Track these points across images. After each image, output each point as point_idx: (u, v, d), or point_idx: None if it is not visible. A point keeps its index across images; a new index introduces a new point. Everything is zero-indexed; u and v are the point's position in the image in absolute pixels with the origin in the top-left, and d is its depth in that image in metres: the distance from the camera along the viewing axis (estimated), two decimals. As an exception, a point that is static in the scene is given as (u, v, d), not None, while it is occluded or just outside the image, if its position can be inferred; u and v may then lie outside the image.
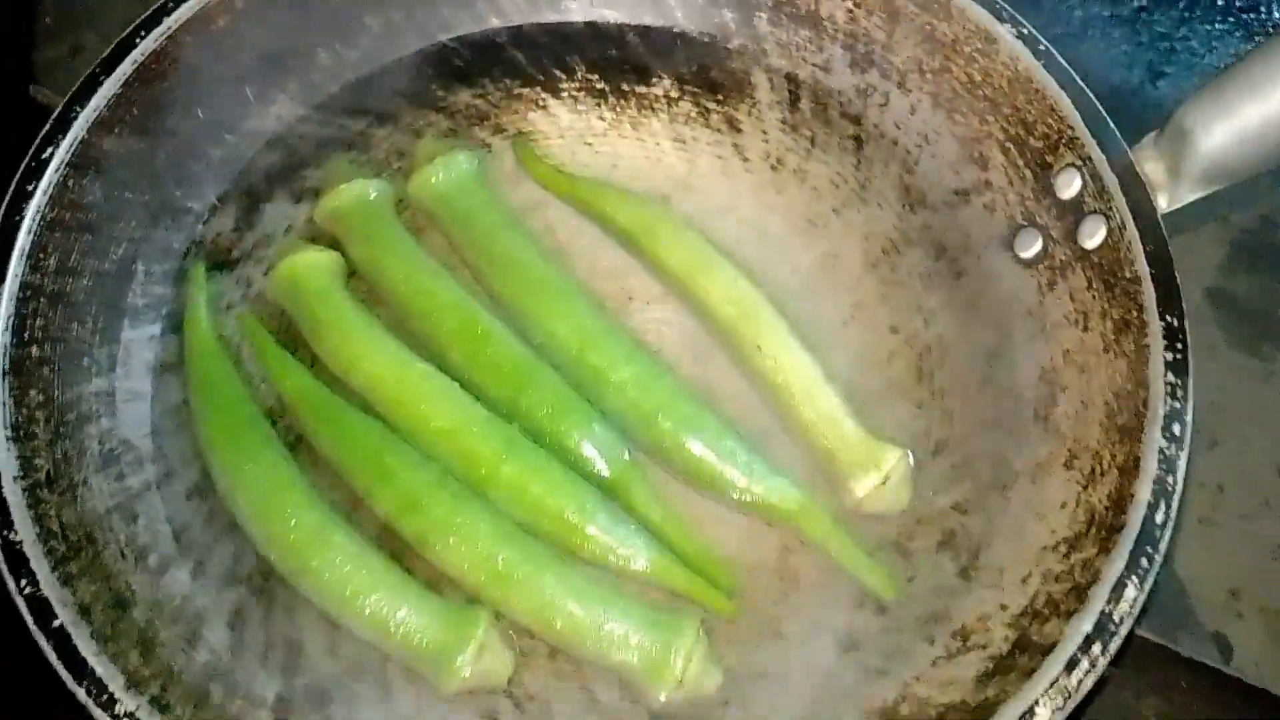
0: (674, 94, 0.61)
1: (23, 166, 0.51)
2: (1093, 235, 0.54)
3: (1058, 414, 0.54)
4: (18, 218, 0.50)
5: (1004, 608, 0.49)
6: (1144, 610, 0.45)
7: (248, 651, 0.48)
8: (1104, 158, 0.53)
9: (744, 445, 0.54)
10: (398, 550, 0.51)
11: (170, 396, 0.53)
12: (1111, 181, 0.53)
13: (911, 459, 0.55)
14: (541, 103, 0.62)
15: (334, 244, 0.59)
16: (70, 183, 0.52)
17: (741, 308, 0.55)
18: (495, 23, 0.63)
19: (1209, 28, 0.78)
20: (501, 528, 0.50)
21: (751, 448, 0.54)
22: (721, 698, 0.51)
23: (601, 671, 0.52)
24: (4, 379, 0.47)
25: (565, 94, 0.62)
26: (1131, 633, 0.44)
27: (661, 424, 0.55)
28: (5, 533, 0.44)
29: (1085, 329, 0.52)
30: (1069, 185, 0.54)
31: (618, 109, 0.62)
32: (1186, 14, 0.78)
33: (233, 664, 0.47)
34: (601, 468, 0.53)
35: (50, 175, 0.51)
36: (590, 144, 0.63)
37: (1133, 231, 0.52)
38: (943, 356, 0.57)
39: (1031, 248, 0.55)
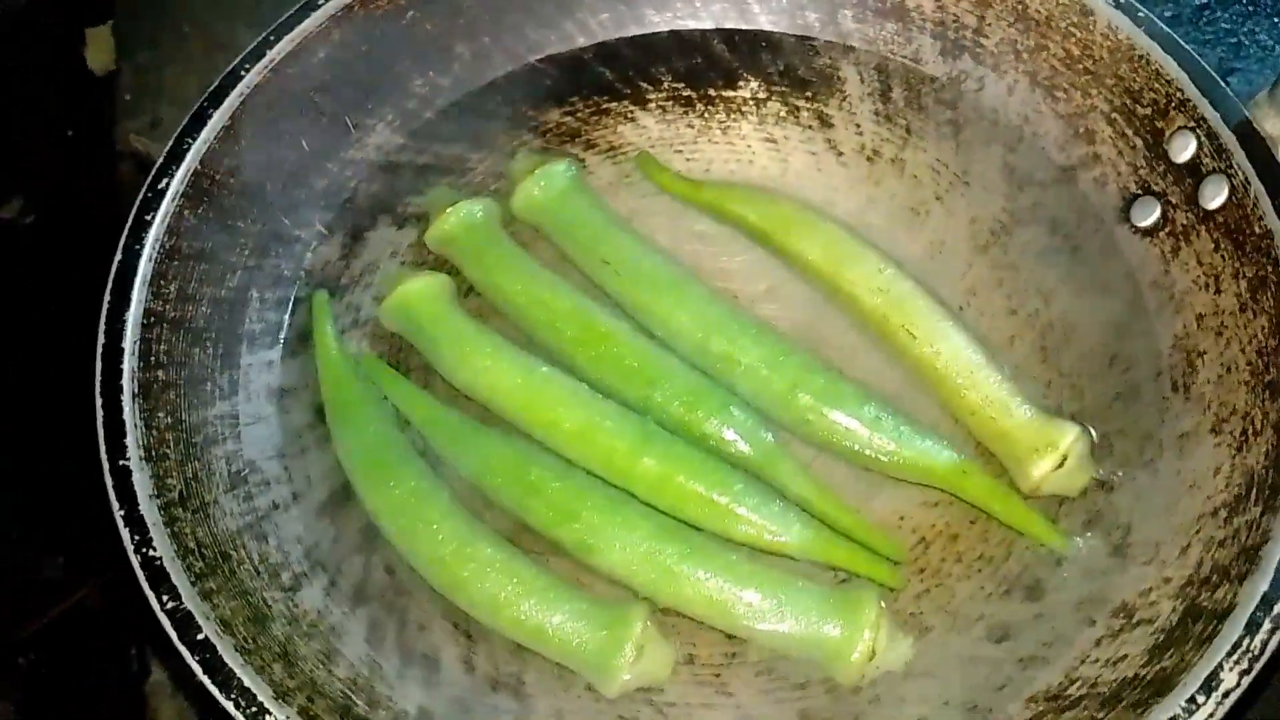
0: (761, 95, 0.61)
1: (140, 198, 0.52)
2: (1215, 196, 0.53)
3: (1198, 381, 0.52)
4: (138, 246, 0.51)
5: (1167, 580, 0.47)
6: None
7: (386, 666, 0.47)
8: (1218, 116, 0.52)
9: (890, 411, 0.53)
10: (547, 557, 0.50)
11: (293, 420, 0.53)
12: (1229, 139, 0.51)
13: (1093, 435, 0.53)
14: (630, 115, 0.62)
15: (443, 268, 0.59)
16: (185, 212, 0.53)
17: (890, 295, 0.54)
18: (581, 41, 0.63)
19: (1276, 20, 0.76)
20: (659, 523, 0.49)
21: (898, 413, 0.53)
22: (872, 694, 0.49)
23: (741, 672, 0.50)
24: (134, 402, 0.48)
25: (653, 104, 0.62)
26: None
27: (800, 400, 0.53)
28: (145, 550, 0.44)
29: (1218, 291, 0.50)
30: (1184, 149, 0.53)
31: (706, 115, 0.62)
32: (1250, 8, 0.77)
33: (372, 678, 0.46)
34: (744, 450, 0.52)
35: (166, 205, 0.52)
36: (681, 151, 0.62)
37: (1258, 187, 0.50)
38: (1067, 335, 0.55)
39: (1149, 216, 0.54)
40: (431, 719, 0.46)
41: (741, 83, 0.62)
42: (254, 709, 0.40)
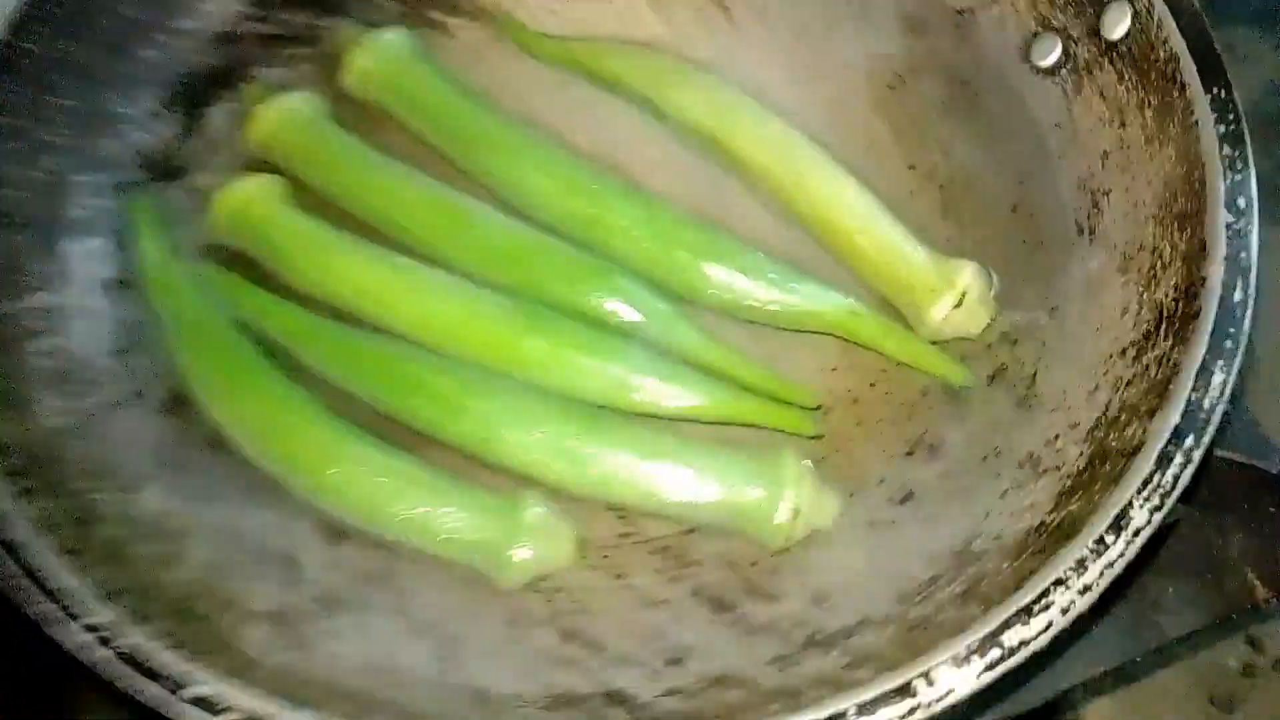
0: (642, -55, 0.56)
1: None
2: (1117, 24, 0.50)
3: (1104, 222, 0.49)
4: (-69, 121, 0.45)
5: (1074, 426, 0.44)
6: (1221, 429, 0.40)
7: (236, 568, 0.43)
8: (1117, -61, 0.48)
9: (774, 260, 0.50)
10: (426, 452, 0.46)
11: (129, 314, 0.49)
12: (1130, -38, 0.48)
13: (993, 276, 0.50)
14: None
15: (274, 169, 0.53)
16: (-12, 86, 0.47)
17: (777, 148, 0.51)
18: (441, -108, 0.58)
19: None
20: (555, 405, 0.46)
21: (785, 262, 0.50)
22: (770, 565, 0.46)
23: (634, 553, 0.46)
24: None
25: None
26: (1209, 458, 0.39)
27: (677, 256, 0.50)
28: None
29: (1123, 125, 0.49)
30: (1085, -24, 0.50)
31: None
32: None
33: (220, 579, 0.42)
34: (636, 319, 0.49)
35: (-35, 76, 0.46)
36: (556, 12, 0.58)
37: (1162, 8, 0.47)
38: (968, 186, 0.54)
39: (1050, 54, 0.53)
40: (290, 617, 0.42)
41: (616, -68, 0.56)
42: (74, 608, 0.36)
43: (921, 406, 0.49)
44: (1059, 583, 0.37)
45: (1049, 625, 0.36)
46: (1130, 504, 0.38)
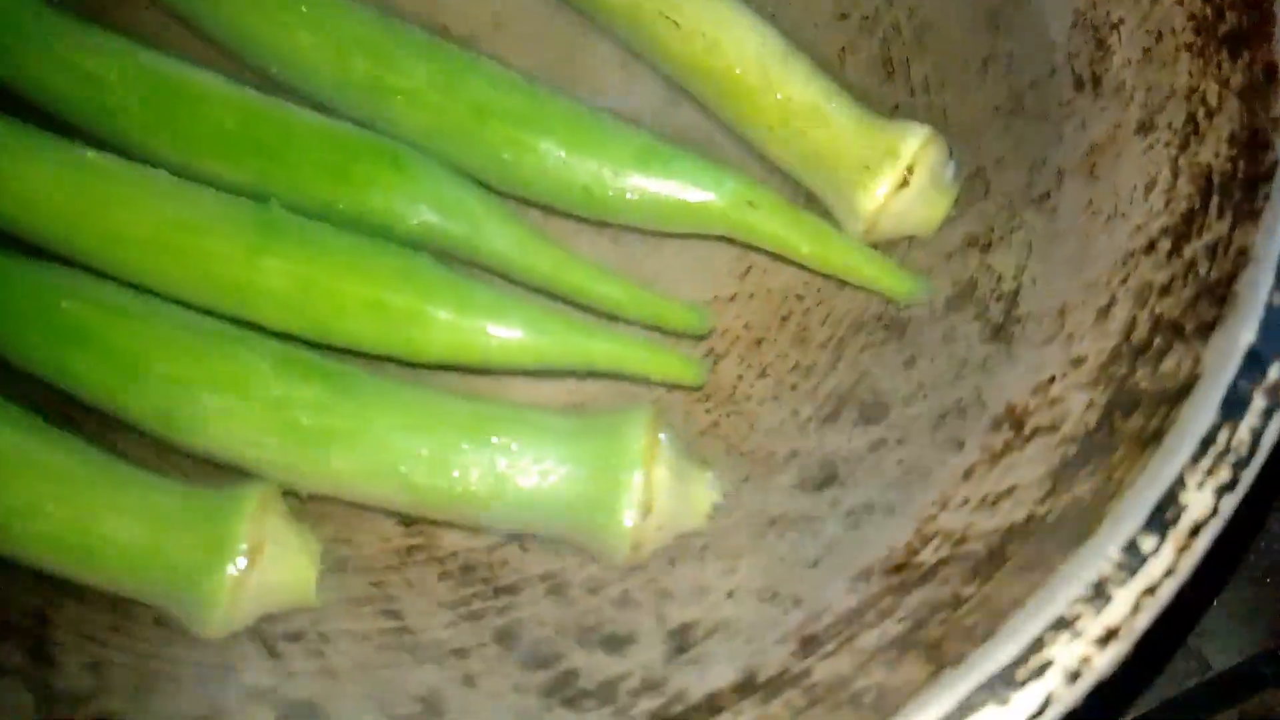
0: None
1: None
2: None
3: (1114, 65, 0.34)
4: None
5: (1078, 362, 0.29)
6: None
7: None
8: None
9: (632, 129, 0.36)
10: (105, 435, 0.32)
11: None
12: None
13: (953, 152, 0.35)
14: None
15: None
16: None
17: None
18: None
19: None
20: (288, 358, 0.32)
21: (646, 131, 0.36)
22: (616, 593, 0.30)
23: (419, 575, 0.31)
24: None
25: None
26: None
27: (491, 130, 0.35)
28: None
29: None
30: None
31: None
32: None
33: None
34: (432, 222, 0.34)
35: None
36: None
37: None
38: (919, 37, 0.40)
39: None
40: None
41: None
42: None
43: (852, 344, 0.34)
44: (1061, 625, 0.21)
45: (1044, 706, 0.20)
46: (1181, 481, 0.22)
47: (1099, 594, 0.21)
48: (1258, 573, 0.38)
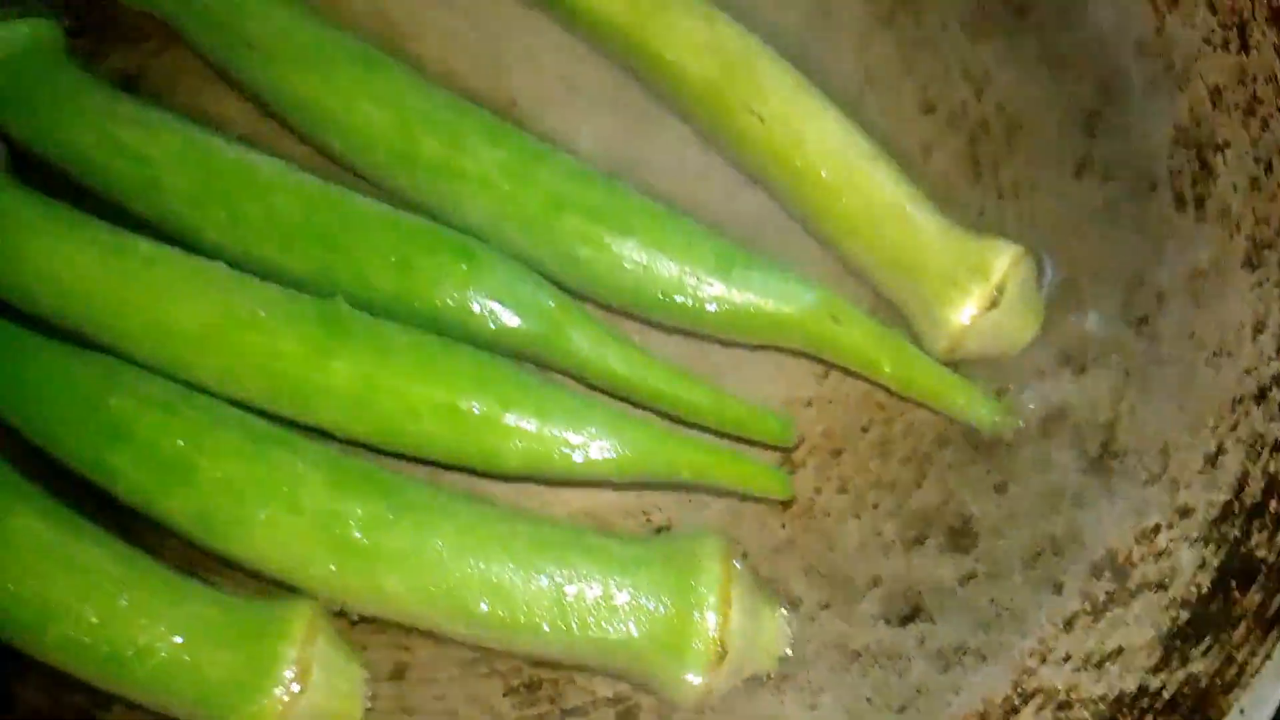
0: None
1: None
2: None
3: (1218, 188, 0.33)
4: None
5: (1185, 513, 0.28)
6: None
7: None
8: None
9: (712, 233, 0.34)
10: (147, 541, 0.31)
11: None
12: None
13: (1047, 267, 0.34)
14: None
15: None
16: None
17: (725, 57, 0.36)
18: None
19: None
20: (344, 469, 0.31)
21: (726, 236, 0.35)
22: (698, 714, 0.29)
23: (482, 688, 0.30)
24: None
25: None
26: None
27: (565, 223, 0.34)
28: None
29: (1245, 48, 0.35)
30: None
31: None
32: None
33: None
34: (506, 321, 0.33)
35: None
36: None
37: None
38: (1009, 136, 0.39)
39: None
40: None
41: None
42: None
43: (937, 461, 0.33)
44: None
45: None
46: (1315, 680, 0.21)
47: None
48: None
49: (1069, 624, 0.28)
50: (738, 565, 0.29)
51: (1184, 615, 0.25)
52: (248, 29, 0.37)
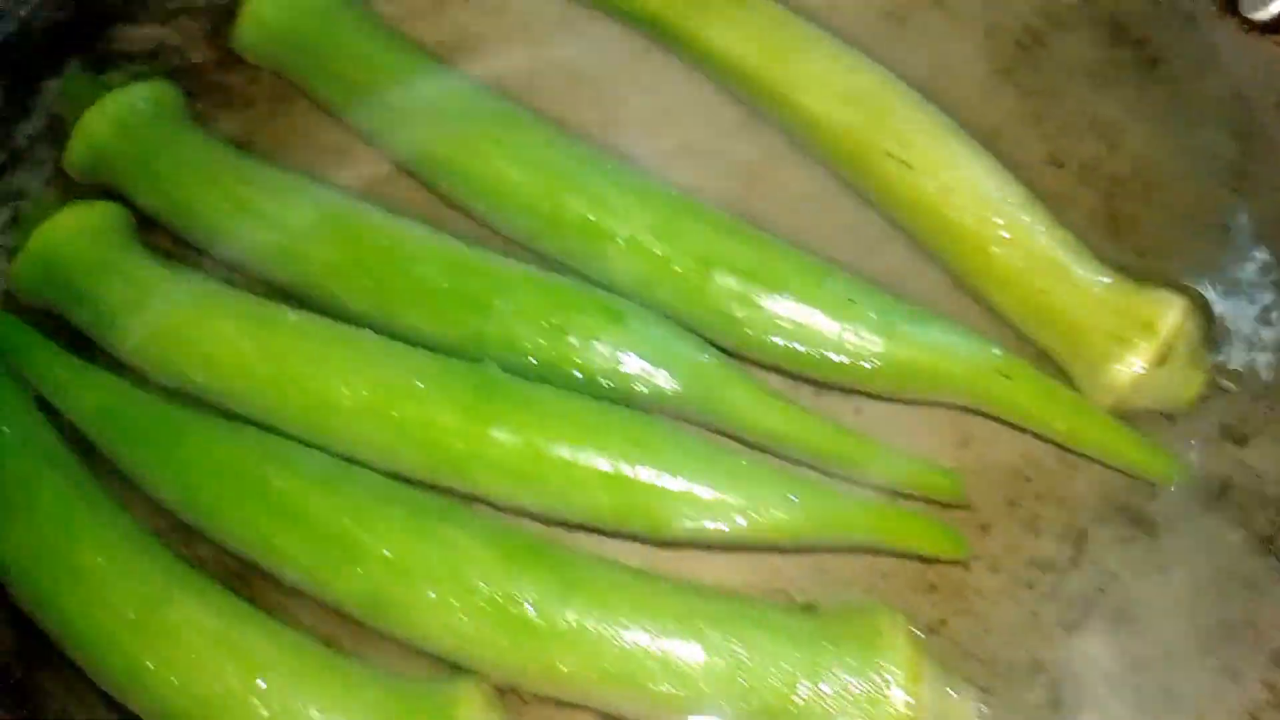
0: None
1: None
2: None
3: None
4: None
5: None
6: None
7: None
8: None
9: (869, 289, 0.34)
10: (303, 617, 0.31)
11: None
12: None
13: (1212, 303, 0.34)
14: None
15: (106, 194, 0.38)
16: None
17: (868, 105, 0.36)
18: None
19: None
20: (513, 544, 0.30)
21: (883, 291, 0.34)
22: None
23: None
24: None
25: None
26: None
27: (718, 283, 0.33)
28: None
29: None
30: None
31: None
32: None
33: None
34: (662, 382, 0.32)
35: None
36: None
37: None
38: (1147, 191, 0.38)
39: (1269, 4, 0.38)
40: None
41: None
42: None
43: (1094, 539, 0.32)
44: None
45: None
46: None
47: None
48: None
49: (1254, 717, 0.26)
50: (920, 638, 0.28)
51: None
52: (382, 89, 0.37)
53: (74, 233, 0.35)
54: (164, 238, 0.37)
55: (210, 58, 0.41)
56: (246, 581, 0.31)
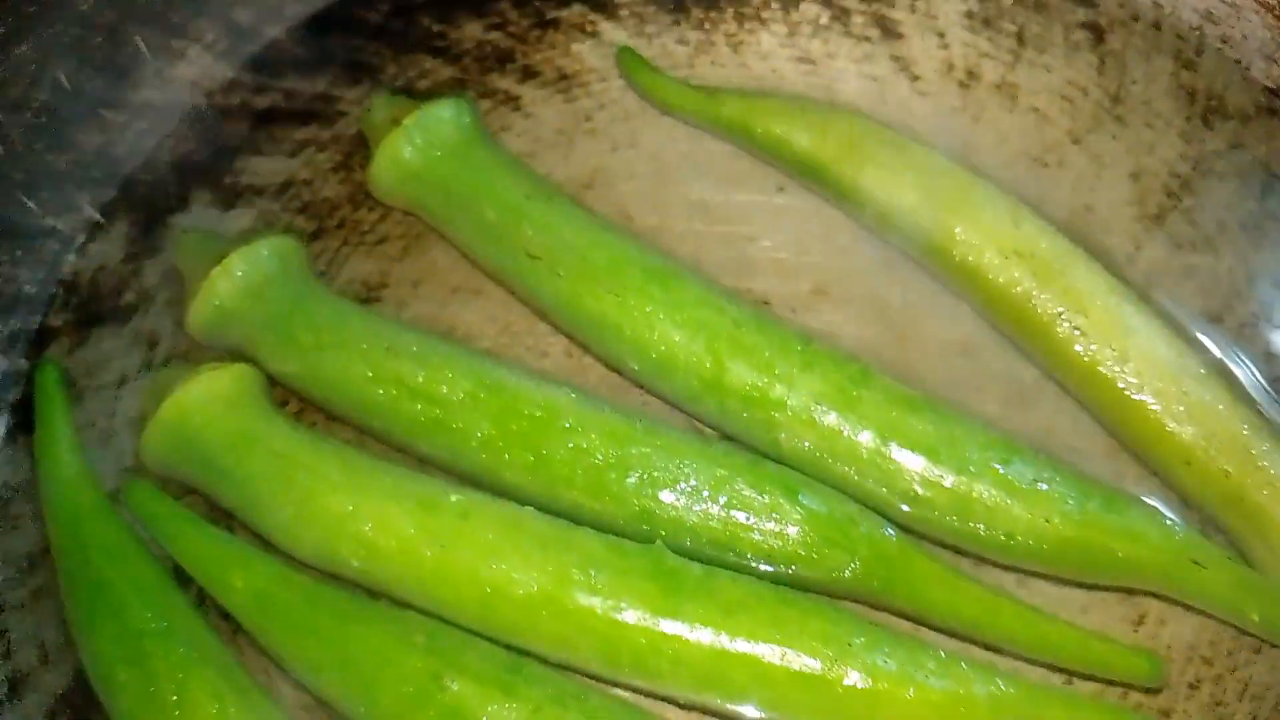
0: (791, -7, 0.42)
1: None
2: None
3: None
4: None
5: None
6: None
7: None
8: None
9: (1049, 463, 0.33)
10: None
11: (19, 543, 0.34)
12: None
13: None
14: (589, 27, 0.43)
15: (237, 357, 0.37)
16: None
17: (1038, 261, 0.35)
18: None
19: None
20: None
21: (1064, 466, 0.33)
22: None
23: None
24: None
25: (624, 11, 0.43)
26: None
27: (898, 459, 0.32)
28: None
29: None
30: None
31: (706, 24, 0.43)
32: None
33: None
34: (842, 563, 0.31)
35: None
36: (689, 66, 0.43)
37: None
38: None
39: None
40: None
41: (758, -25, 0.43)
42: None
43: None
44: None
45: None
46: None
47: None
48: None
49: None
50: None
51: None
52: (529, 238, 0.36)
53: (207, 400, 0.34)
54: (294, 397, 0.36)
55: (341, 193, 0.41)
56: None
